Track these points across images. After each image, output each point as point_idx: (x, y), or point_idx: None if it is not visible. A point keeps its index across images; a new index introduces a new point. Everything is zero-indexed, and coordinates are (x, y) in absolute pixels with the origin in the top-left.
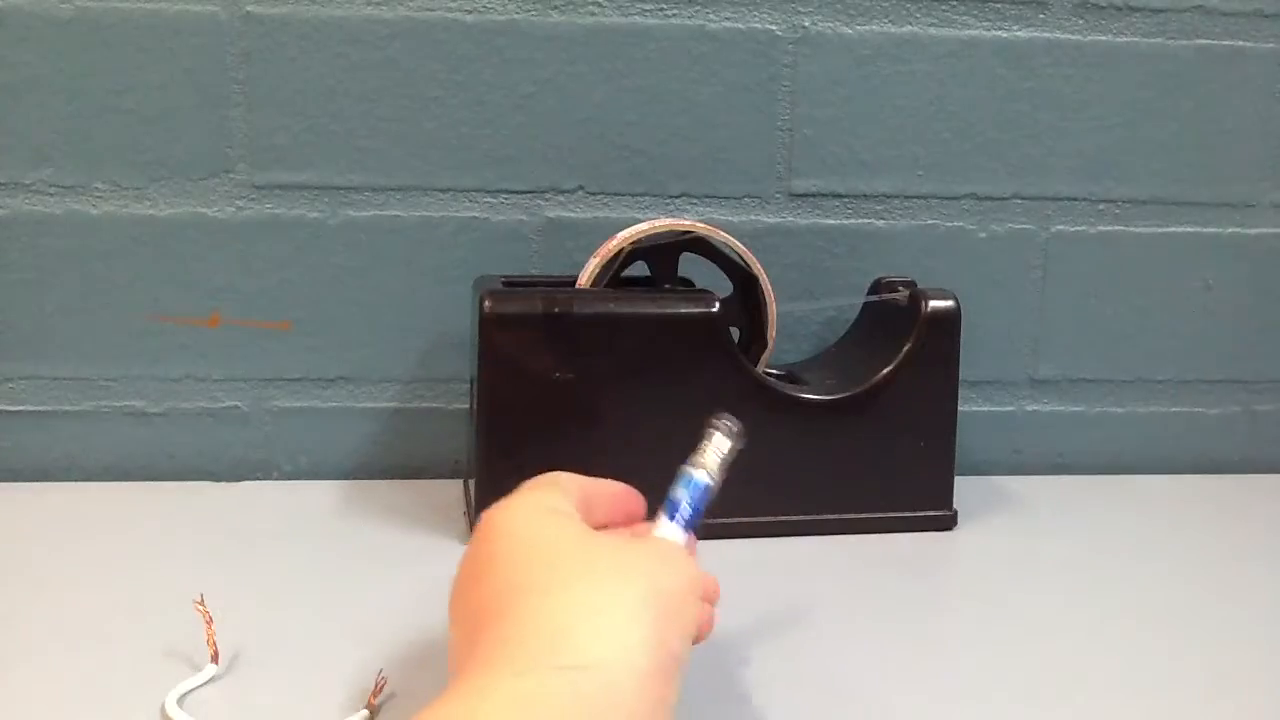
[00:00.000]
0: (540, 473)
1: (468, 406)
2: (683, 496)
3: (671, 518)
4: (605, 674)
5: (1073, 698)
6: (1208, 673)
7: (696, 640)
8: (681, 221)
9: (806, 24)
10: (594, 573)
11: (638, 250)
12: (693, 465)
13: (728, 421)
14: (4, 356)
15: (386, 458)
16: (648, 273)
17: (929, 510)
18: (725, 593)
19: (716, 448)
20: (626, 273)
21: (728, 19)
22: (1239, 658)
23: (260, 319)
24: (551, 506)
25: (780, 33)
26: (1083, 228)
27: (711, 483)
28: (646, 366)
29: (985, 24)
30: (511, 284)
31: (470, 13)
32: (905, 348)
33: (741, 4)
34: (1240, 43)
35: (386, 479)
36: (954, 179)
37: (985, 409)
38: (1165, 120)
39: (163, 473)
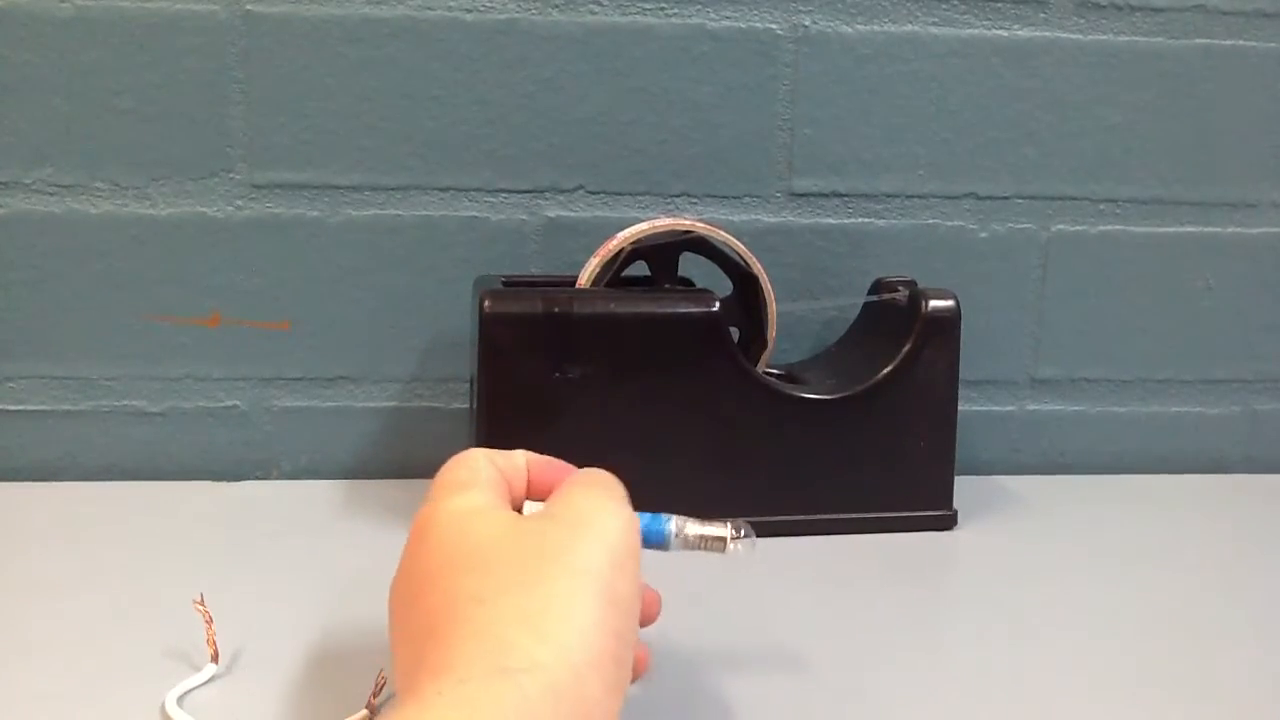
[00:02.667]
0: None
1: (468, 406)
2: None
3: None
4: (551, 674)
5: (1073, 698)
6: (1208, 673)
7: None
8: (681, 221)
9: (806, 24)
10: (529, 572)
11: (638, 250)
12: (679, 516)
13: (745, 529)
14: (4, 356)
15: (386, 458)
16: (648, 273)
17: (929, 510)
18: (725, 593)
19: (711, 529)
20: (626, 273)
21: (728, 19)
22: (1239, 658)
23: (260, 319)
24: (476, 506)
25: (780, 32)
26: (1083, 228)
27: (673, 535)
28: (646, 366)
29: (985, 24)
30: (511, 284)
31: (470, 12)
32: (905, 348)
33: (741, 4)
34: (1242, 42)
35: (386, 479)
36: (954, 179)
37: (985, 409)
38: (1165, 120)
39: (163, 473)
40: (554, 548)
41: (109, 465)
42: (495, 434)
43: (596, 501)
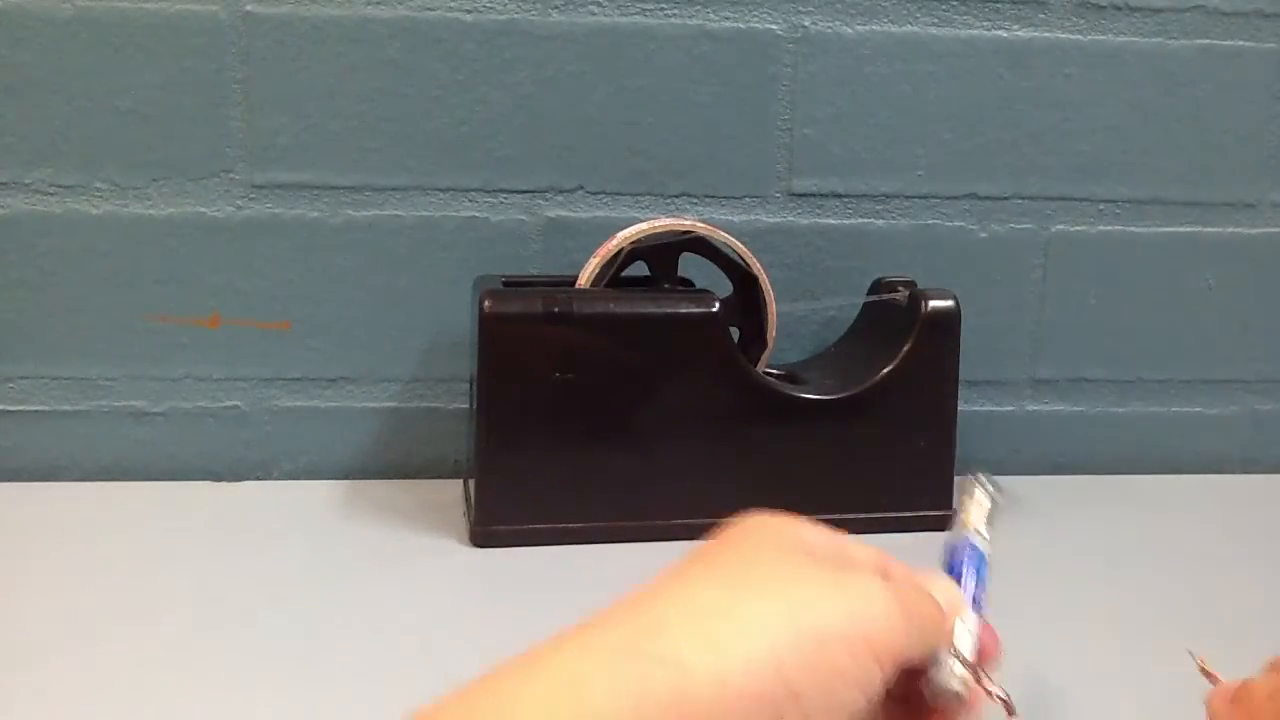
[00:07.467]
0: (539, 472)
1: (468, 406)
2: (967, 570)
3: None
4: (685, 677)
5: (1072, 698)
6: None
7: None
8: (681, 221)
9: (806, 24)
10: (736, 577)
11: (638, 250)
12: (966, 529)
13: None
14: (4, 356)
15: (386, 458)
16: (648, 273)
17: (929, 510)
18: None
19: (978, 505)
20: (626, 273)
21: (728, 19)
22: (1239, 658)
23: (260, 319)
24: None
25: (780, 33)
26: (1083, 228)
27: (986, 548)
28: (646, 366)
29: (985, 24)
30: (511, 284)
31: (470, 13)
32: (905, 348)
33: (741, 4)
34: (1240, 43)
35: (386, 479)
36: (954, 179)
37: (985, 409)
38: (1165, 120)
39: (163, 473)
40: (788, 573)
41: (109, 465)
42: (495, 434)
43: (863, 583)
